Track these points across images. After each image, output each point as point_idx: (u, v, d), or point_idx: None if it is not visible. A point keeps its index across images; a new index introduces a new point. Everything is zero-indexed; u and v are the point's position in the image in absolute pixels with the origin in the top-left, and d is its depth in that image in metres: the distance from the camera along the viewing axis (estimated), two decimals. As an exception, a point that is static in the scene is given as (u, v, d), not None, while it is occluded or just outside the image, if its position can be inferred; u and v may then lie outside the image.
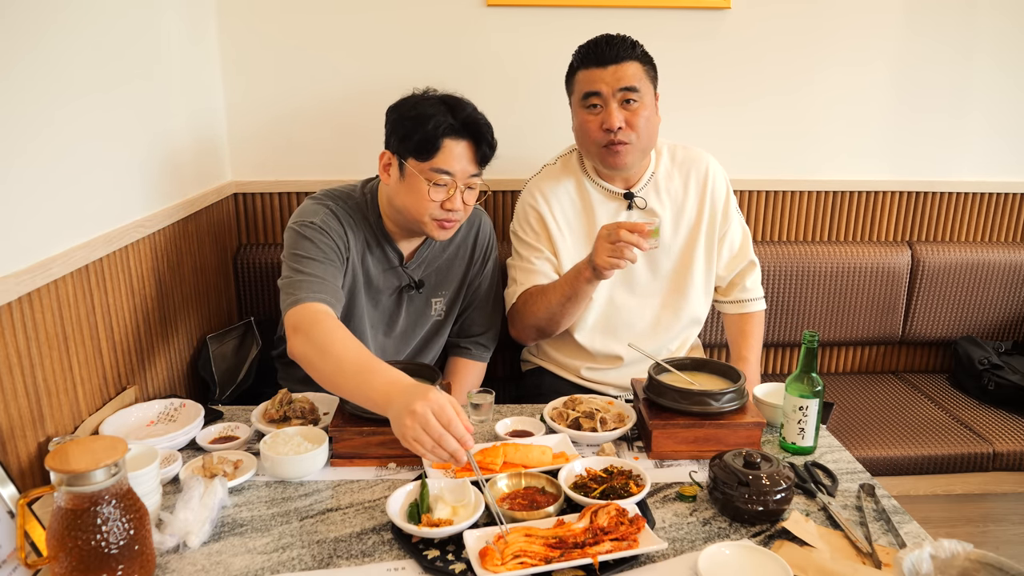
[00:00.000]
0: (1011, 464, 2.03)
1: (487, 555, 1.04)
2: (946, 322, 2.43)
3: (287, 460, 1.29)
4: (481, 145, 1.54)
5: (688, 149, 1.87)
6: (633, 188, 1.81)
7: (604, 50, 1.69)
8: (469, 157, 1.54)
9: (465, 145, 1.53)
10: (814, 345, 1.38)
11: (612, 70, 1.68)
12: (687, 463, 1.38)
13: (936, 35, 2.30)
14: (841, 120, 2.36)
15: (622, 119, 1.68)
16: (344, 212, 1.61)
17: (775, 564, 1.04)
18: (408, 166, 1.53)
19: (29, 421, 1.24)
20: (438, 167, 1.51)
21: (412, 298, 1.73)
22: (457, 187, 1.53)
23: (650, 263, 1.84)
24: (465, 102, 1.56)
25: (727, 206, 1.86)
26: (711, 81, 2.28)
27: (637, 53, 1.70)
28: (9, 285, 1.17)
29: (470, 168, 1.54)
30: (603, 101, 1.69)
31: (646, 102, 1.70)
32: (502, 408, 1.60)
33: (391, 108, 1.59)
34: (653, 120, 1.73)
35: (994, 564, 0.95)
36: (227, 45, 2.15)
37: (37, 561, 1.02)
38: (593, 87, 1.69)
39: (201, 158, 2.00)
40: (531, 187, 1.86)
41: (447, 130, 1.50)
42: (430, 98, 1.56)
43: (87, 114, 1.43)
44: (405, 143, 1.53)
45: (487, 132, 1.55)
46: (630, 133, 1.69)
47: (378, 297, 1.70)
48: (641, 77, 1.69)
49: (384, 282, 1.68)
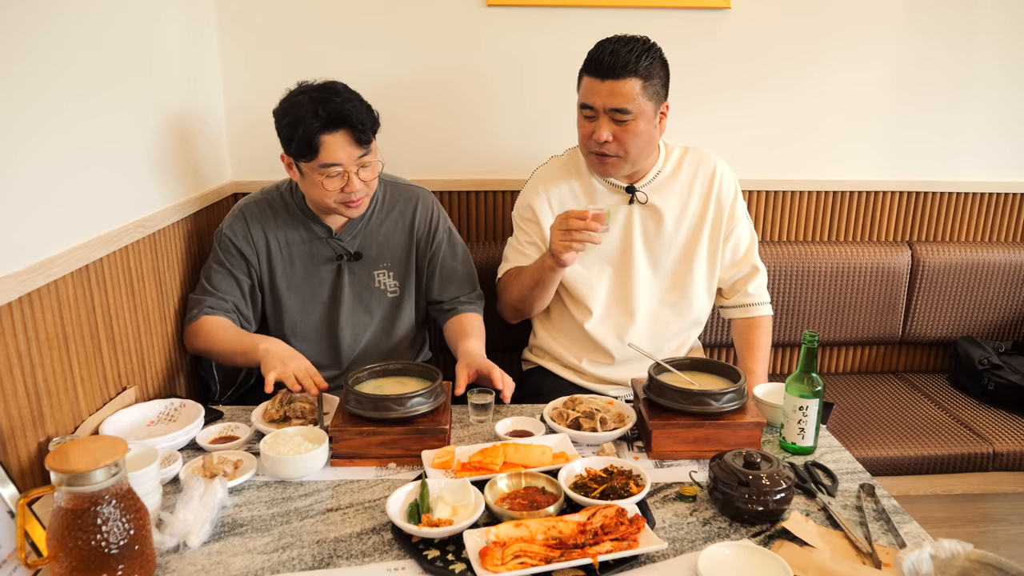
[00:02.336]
0: (1011, 464, 2.03)
1: (487, 555, 1.04)
2: (946, 322, 2.43)
3: (287, 460, 1.29)
4: (356, 130, 1.59)
5: (700, 151, 1.89)
6: (637, 183, 1.82)
7: (606, 61, 1.66)
8: (350, 143, 1.60)
9: (342, 135, 1.59)
10: (814, 345, 1.38)
11: (608, 86, 1.66)
12: (687, 463, 1.38)
13: (936, 35, 2.30)
14: (841, 120, 2.36)
15: (610, 134, 1.68)
16: (256, 208, 1.79)
17: (775, 564, 1.04)
18: (302, 166, 1.64)
19: (29, 421, 1.24)
20: (324, 163, 1.60)
21: (352, 269, 1.81)
22: (350, 172, 1.62)
23: (651, 259, 1.85)
24: (334, 90, 1.61)
25: (734, 207, 1.87)
26: (711, 81, 2.28)
27: (640, 68, 1.65)
28: (9, 285, 1.17)
29: (355, 152, 1.61)
30: (595, 113, 1.69)
31: (640, 120, 1.68)
32: (502, 408, 1.60)
33: (273, 112, 1.67)
34: (647, 135, 1.71)
35: (994, 564, 0.95)
36: (227, 45, 2.15)
37: (37, 561, 1.02)
38: (588, 99, 1.70)
39: (201, 158, 2.01)
40: (535, 180, 1.90)
41: (319, 128, 1.57)
42: (300, 98, 1.61)
43: (87, 114, 1.43)
44: (290, 148, 1.62)
45: (357, 117, 1.59)
46: (618, 147, 1.70)
47: (313, 270, 1.80)
48: (636, 96, 1.65)
49: (317, 254, 1.79)
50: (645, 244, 1.85)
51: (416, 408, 1.37)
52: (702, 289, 1.88)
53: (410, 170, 2.21)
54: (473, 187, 2.30)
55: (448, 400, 1.46)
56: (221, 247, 1.77)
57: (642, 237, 1.84)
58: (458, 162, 2.29)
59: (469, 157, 2.30)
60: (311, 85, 1.65)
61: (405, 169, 2.20)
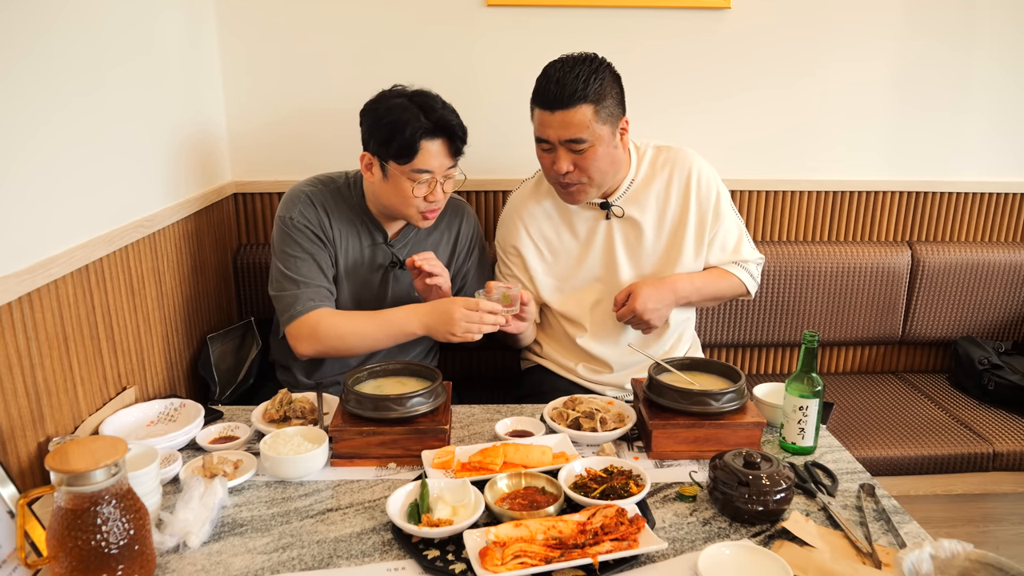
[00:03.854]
0: (1011, 464, 2.03)
1: (487, 555, 1.04)
2: (946, 322, 2.43)
3: (287, 460, 1.29)
4: (455, 140, 1.63)
5: (672, 150, 1.83)
6: (610, 198, 1.79)
7: (553, 92, 1.60)
8: (445, 153, 1.63)
9: (440, 143, 1.61)
10: (814, 345, 1.38)
11: (560, 116, 1.60)
12: (687, 463, 1.38)
13: (936, 34, 2.30)
14: (841, 120, 2.36)
15: (570, 163, 1.65)
16: (321, 195, 1.73)
17: (775, 564, 1.04)
18: (389, 168, 1.62)
19: (29, 421, 1.24)
20: (418, 168, 1.60)
21: (397, 277, 1.80)
22: (437, 181, 1.63)
23: (636, 269, 1.82)
24: (435, 99, 1.64)
25: (718, 205, 1.81)
26: (711, 80, 2.28)
27: (588, 93, 1.59)
28: (9, 285, 1.17)
29: (447, 163, 1.64)
30: (551, 146, 1.65)
31: (598, 145, 1.63)
32: (502, 408, 1.60)
33: (365, 110, 1.66)
34: (608, 156, 1.67)
35: (994, 564, 0.95)
36: (227, 45, 2.15)
37: (37, 561, 1.02)
38: (542, 132, 1.66)
39: (201, 158, 2.01)
40: (510, 211, 1.88)
41: (423, 134, 1.59)
42: (400, 101, 1.61)
43: (87, 113, 1.43)
44: (384, 148, 1.61)
45: (459, 127, 1.64)
46: (579, 175, 1.67)
47: (363, 274, 1.78)
48: (589, 124, 1.60)
49: (370, 259, 1.77)
50: (628, 255, 1.82)
51: (416, 408, 1.37)
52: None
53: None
54: (473, 187, 2.30)
55: (448, 400, 1.46)
56: (296, 233, 1.68)
57: (624, 249, 1.81)
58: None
59: (469, 157, 2.30)
60: (407, 90, 1.65)
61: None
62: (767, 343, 2.41)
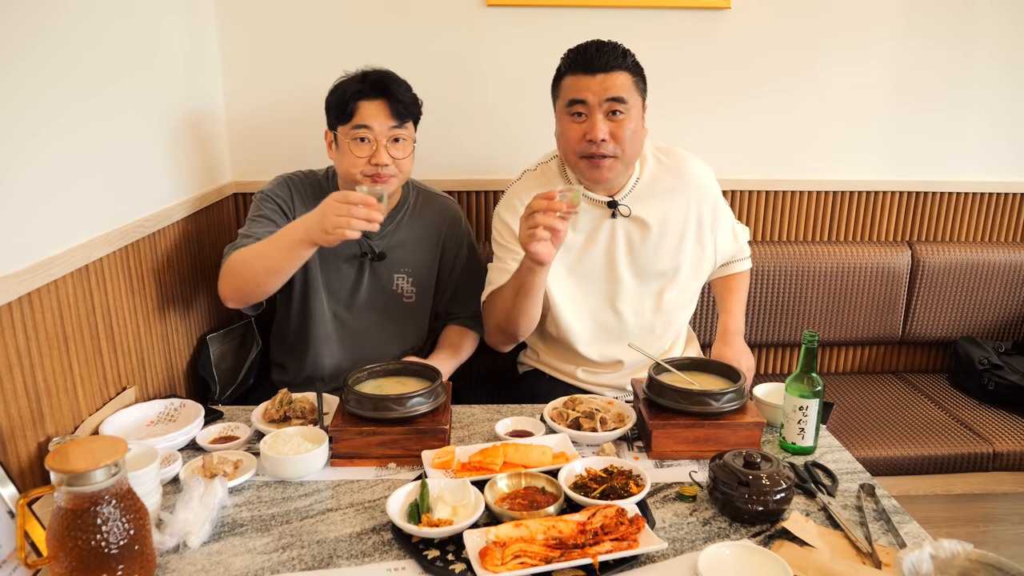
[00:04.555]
0: (1011, 464, 2.03)
1: (487, 555, 1.04)
2: (946, 322, 2.43)
3: (287, 460, 1.29)
4: (394, 101, 1.67)
5: (673, 153, 1.83)
6: (616, 196, 1.76)
7: (594, 57, 1.61)
8: (385, 113, 1.67)
9: (379, 103, 1.67)
10: (814, 345, 1.38)
11: (600, 79, 1.61)
12: (687, 463, 1.37)
13: (936, 34, 2.30)
14: (841, 120, 2.36)
15: (607, 131, 1.62)
16: (300, 183, 1.82)
17: (775, 564, 1.04)
18: (339, 136, 1.71)
19: (29, 421, 1.24)
20: (356, 125, 1.66)
21: (374, 269, 1.82)
22: (380, 142, 1.66)
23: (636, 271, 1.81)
24: (381, 70, 1.72)
25: (716, 203, 1.84)
26: (711, 81, 2.28)
27: (628, 63, 1.64)
28: (9, 285, 1.17)
29: (388, 122, 1.67)
30: (588, 110, 1.63)
31: (633, 115, 1.64)
32: (502, 408, 1.60)
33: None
34: (639, 133, 1.67)
35: (994, 564, 0.95)
36: (227, 45, 2.15)
37: (37, 561, 1.02)
38: (579, 95, 1.63)
39: (201, 158, 2.01)
40: (510, 197, 1.81)
41: (357, 94, 1.67)
42: (351, 74, 1.72)
43: (87, 114, 1.43)
44: (330, 115, 1.72)
45: (398, 88, 1.68)
46: (615, 146, 1.64)
47: (336, 263, 1.80)
48: (630, 88, 1.63)
49: (344, 247, 1.77)
50: (629, 254, 1.79)
51: (416, 408, 1.37)
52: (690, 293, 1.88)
53: (410, 170, 2.22)
54: (473, 187, 2.30)
55: (448, 400, 1.46)
56: (264, 202, 1.75)
57: (626, 248, 1.78)
58: (458, 161, 2.29)
59: (469, 156, 2.30)
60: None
61: (405, 169, 2.21)
62: (767, 343, 2.41)
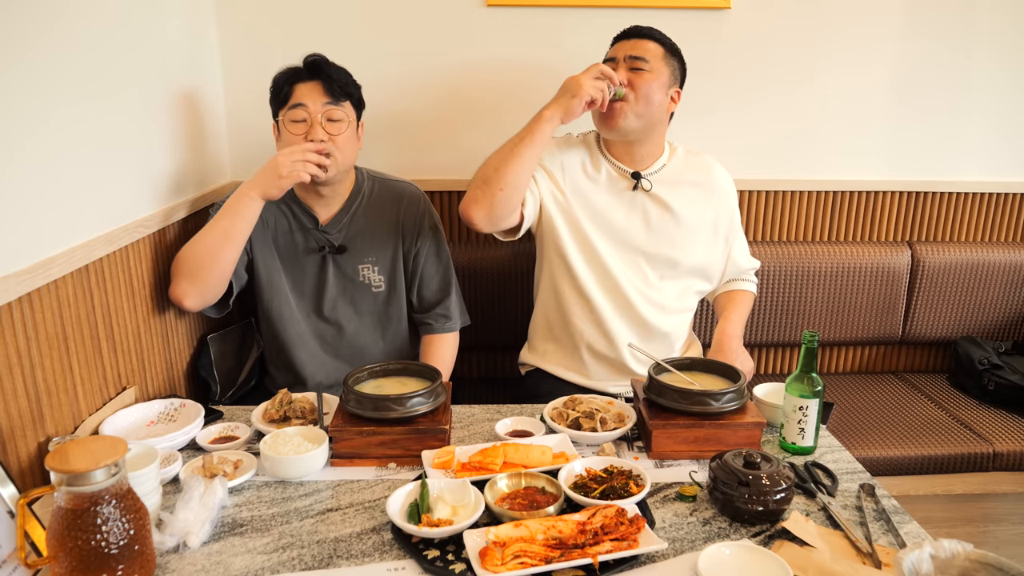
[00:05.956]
0: (1011, 464, 2.03)
1: (487, 555, 1.04)
2: (946, 322, 2.43)
3: (287, 460, 1.29)
4: (327, 79, 1.70)
5: (703, 155, 1.93)
6: (642, 171, 1.85)
7: (635, 28, 1.81)
8: (319, 91, 1.70)
9: (313, 84, 1.70)
10: (814, 345, 1.38)
11: (632, 42, 1.79)
12: (687, 463, 1.38)
13: (936, 35, 2.30)
14: (841, 120, 2.36)
15: (625, 79, 1.75)
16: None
17: (775, 564, 1.04)
18: (279, 123, 1.74)
19: (29, 421, 1.24)
20: (292, 105, 1.70)
21: (337, 263, 1.83)
22: (315, 119, 1.68)
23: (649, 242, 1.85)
24: (316, 55, 1.74)
25: (734, 218, 1.93)
26: (711, 81, 2.28)
27: (664, 40, 1.80)
28: (9, 285, 1.17)
29: (322, 99, 1.70)
30: (615, 65, 1.78)
31: (655, 75, 1.75)
32: (502, 408, 1.60)
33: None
34: (658, 97, 1.76)
35: (994, 564, 0.95)
36: (227, 45, 2.15)
37: (37, 561, 1.02)
38: (610, 54, 1.81)
39: (201, 158, 2.00)
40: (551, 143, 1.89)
41: (293, 77, 1.72)
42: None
43: (87, 114, 1.42)
44: (272, 106, 1.76)
45: (332, 68, 1.72)
46: (628, 92, 1.74)
47: (297, 259, 1.82)
48: (657, 55, 1.76)
49: (302, 244, 1.81)
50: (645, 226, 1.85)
51: (416, 408, 1.37)
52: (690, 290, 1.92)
53: (409, 169, 2.22)
54: (473, 187, 2.30)
55: (448, 400, 1.46)
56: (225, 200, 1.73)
57: (642, 220, 1.84)
58: (458, 162, 2.29)
59: (469, 157, 2.30)
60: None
61: (404, 168, 2.21)
62: (767, 343, 2.41)
